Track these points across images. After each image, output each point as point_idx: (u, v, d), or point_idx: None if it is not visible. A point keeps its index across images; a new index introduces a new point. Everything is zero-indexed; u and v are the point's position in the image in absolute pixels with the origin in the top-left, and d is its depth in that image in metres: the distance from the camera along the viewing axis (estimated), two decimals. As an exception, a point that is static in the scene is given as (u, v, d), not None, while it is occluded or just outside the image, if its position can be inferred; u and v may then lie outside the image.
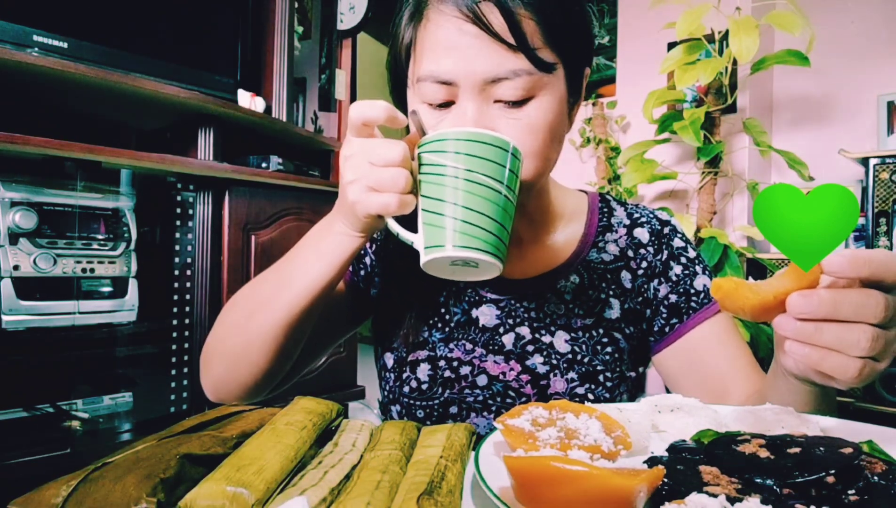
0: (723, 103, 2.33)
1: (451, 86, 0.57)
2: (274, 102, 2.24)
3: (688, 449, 0.40)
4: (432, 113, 0.60)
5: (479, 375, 0.69)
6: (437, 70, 0.57)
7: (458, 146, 0.49)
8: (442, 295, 0.73)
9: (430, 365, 0.71)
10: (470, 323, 0.71)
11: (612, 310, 0.71)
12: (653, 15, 2.38)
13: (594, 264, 0.73)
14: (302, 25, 2.56)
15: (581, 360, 0.68)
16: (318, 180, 2.17)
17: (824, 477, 0.33)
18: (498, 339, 0.70)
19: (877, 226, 2.17)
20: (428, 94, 0.59)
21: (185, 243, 1.78)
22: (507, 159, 0.51)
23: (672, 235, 0.75)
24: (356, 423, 0.47)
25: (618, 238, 0.74)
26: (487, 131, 0.50)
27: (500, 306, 0.71)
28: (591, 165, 3.12)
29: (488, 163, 0.50)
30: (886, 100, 2.58)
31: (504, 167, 0.50)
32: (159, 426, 0.41)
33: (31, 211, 1.42)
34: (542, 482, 0.32)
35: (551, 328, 0.70)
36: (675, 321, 0.71)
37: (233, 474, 0.33)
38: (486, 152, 0.50)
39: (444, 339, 0.71)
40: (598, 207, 0.77)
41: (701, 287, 0.72)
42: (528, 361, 0.69)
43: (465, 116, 0.58)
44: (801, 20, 2.01)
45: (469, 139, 0.49)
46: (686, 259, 0.73)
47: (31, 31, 1.47)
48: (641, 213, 0.77)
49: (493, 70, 0.56)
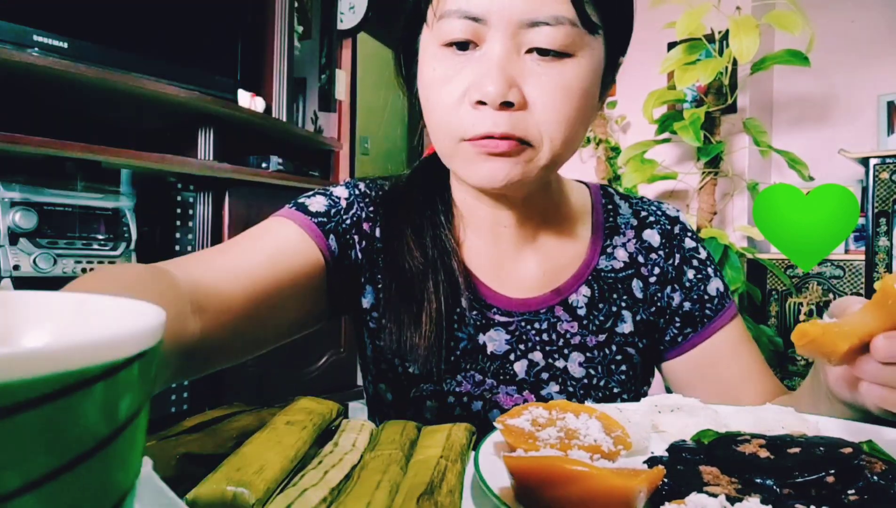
0: (723, 103, 2.33)
1: (480, 25, 0.50)
2: (274, 102, 2.24)
3: (688, 449, 0.40)
4: (448, 58, 0.53)
5: (492, 410, 0.63)
6: (466, 4, 0.50)
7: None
8: (445, 319, 0.63)
9: (436, 401, 0.63)
10: (477, 351, 0.64)
11: (624, 324, 0.66)
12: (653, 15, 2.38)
13: (605, 273, 0.66)
14: (302, 25, 2.56)
15: (597, 385, 0.64)
16: (318, 180, 2.17)
17: (824, 477, 0.33)
18: (509, 368, 0.63)
19: (877, 226, 2.17)
20: (449, 31, 0.52)
21: (185, 243, 1.78)
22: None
23: (683, 235, 0.69)
24: (356, 423, 0.47)
25: (626, 241, 0.68)
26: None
27: (510, 329, 0.64)
28: (591, 165, 3.12)
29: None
30: (886, 100, 2.58)
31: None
32: (159, 426, 0.41)
33: (31, 211, 1.42)
34: (541, 482, 0.32)
35: (564, 350, 0.64)
36: (689, 330, 0.66)
37: (233, 474, 0.33)
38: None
39: (449, 371, 0.63)
40: (602, 204, 0.70)
41: (714, 292, 0.67)
42: (543, 391, 0.63)
43: (490, 60, 0.51)
44: (801, 20, 2.01)
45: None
46: (698, 261, 0.68)
47: (31, 31, 1.47)
48: (649, 211, 0.70)
49: (533, 11, 0.49)
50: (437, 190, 0.68)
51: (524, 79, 0.52)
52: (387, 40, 4.06)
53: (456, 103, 0.54)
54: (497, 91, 0.50)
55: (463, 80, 0.53)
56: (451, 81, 0.54)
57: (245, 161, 1.96)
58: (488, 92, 0.51)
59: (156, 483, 0.25)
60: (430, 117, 0.57)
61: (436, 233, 0.64)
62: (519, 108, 0.52)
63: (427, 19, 0.55)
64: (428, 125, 0.59)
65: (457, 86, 0.53)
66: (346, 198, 0.67)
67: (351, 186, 0.69)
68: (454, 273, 0.63)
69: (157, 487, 0.25)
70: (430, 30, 0.54)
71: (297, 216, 0.62)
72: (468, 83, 0.53)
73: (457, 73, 0.53)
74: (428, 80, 0.56)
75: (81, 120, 1.77)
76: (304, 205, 0.64)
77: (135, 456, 0.19)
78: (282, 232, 0.61)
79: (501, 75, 0.51)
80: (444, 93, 0.54)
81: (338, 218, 0.65)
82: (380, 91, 4.02)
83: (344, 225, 0.65)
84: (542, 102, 0.52)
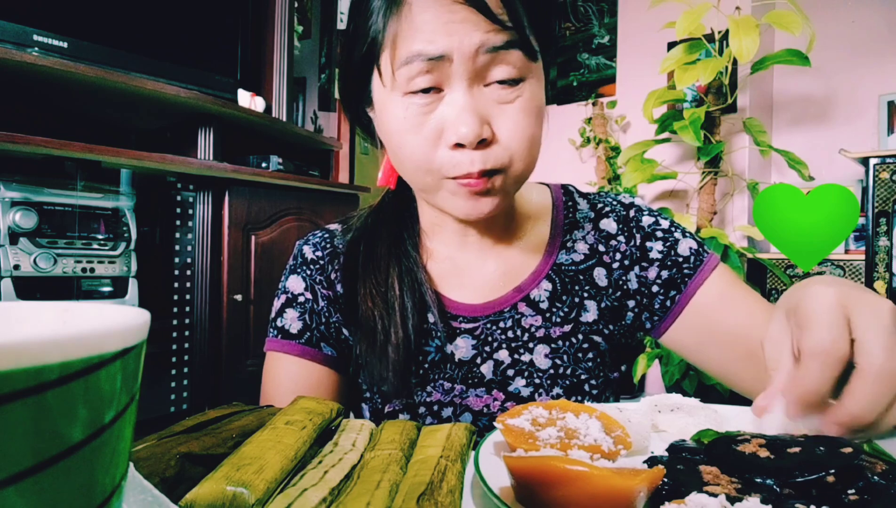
0: (723, 103, 2.33)
1: (441, 66, 0.53)
2: (274, 102, 2.24)
3: (688, 449, 0.40)
4: (414, 104, 0.56)
5: (463, 414, 0.66)
6: (425, 47, 0.53)
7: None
8: (413, 342, 0.67)
9: (408, 414, 0.67)
10: (445, 360, 0.67)
11: (588, 313, 0.68)
12: (653, 15, 2.38)
13: (565, 267, 0.69)
14: (302, 25, 2.56)
15: (564, 374, 0.66)
16: (317, 180, 2.17)
17: (824, 477, 0.33)
18: (476, 371, 0.66)
19: (877, 226, 2.17)
20: (412, 81, 0.54)
21: (185, 243, 1.78)
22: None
23: (639, 216, 0.71)
24: (356, 423, 0.47)
25: (585, 234, 0.71)
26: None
27: (476, 334, 0.67)
28: (591, 165, 3.12)
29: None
30: (887, 100, 2.58)
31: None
32: (159, 426, 0.41)
33: (31, 211, 1.42)
34: (542, 482, 0.32)
35: (529, 345, 0.67)
36: (673, 293, 0.68)
37: (233, 474, 0.33)
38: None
39: (419, 383, 0.66)
40: (563, 202, 0.73)
41: (687, 251, 0.69)
42: (510, 387, 0.66)
43: (458, 103, 0.54)
44: (801, 20, 2.01)
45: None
46: (661, 232, 0.70)
47: (32, 30, 1.47)
48: (605, 202, 0.73)
49: (490, 39, 0.53)
50: (405, 222, 0.71)
51: (490, 112, 0.56)
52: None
53: (431, 147, 0.56)
54: (473, 132, 0.54)
55: (433, 123, 0.56)
56: (422, 127, 0.56)
57: (245, 161, 1.96)
58: (465, 134, 0.54)
59: (139, 482, 0.25)
60: (404, 161, 0.59)
61: (405, 268, 0.68)
62: (490, 142, 0.56)
63: (381, 69, 0.57)
64: (400, 167, 0.61)
65: (429, 130, 0.56)
66: (306, 288, 0.70)
67: (300, 266, 0.71)
68: (425, 300, 0.67)
69: (140, 485, 0.25)
70: (389, 79, 0.56)
71: (286, 346, 0.68)
72: (439, 126, 0.56)
73: (425, 117, 0.56)
74: (396, 128, 0.58)
75: (81, 120, 1.77)
76: (286, 330, 0.69)
77: (121, 457, 0.19)
78: (285, 374, 0.68)
79: (474, 117, 0.54)
80: (416, 139, 0.57)
81: (315, 319, 0.69)
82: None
83: (322, 322, 0.70)
84: (508, 131, 0.56)
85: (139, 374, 0.19)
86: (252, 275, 1.89)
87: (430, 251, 0.70)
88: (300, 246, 0.73)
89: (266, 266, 1.93)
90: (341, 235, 0.73)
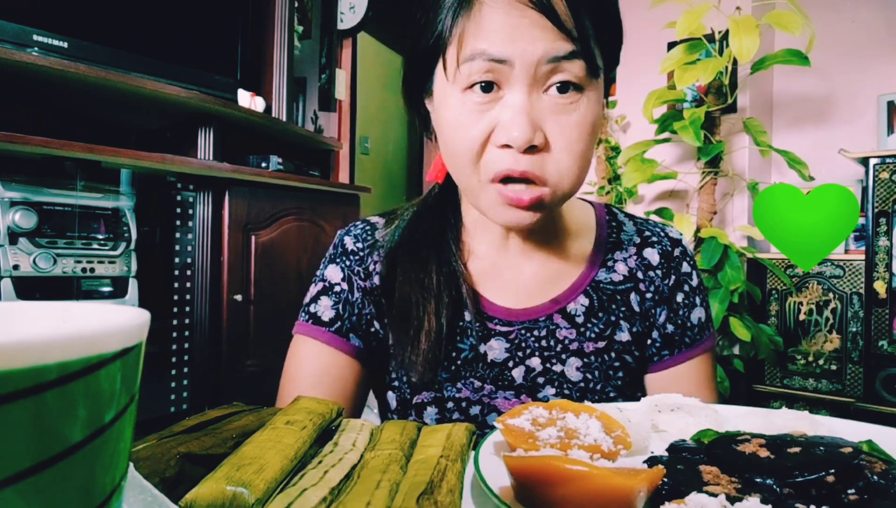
0: (723, 103, 2.33)
1: (503, 67, 0.54)
2: (274, 102, 2.24)
3: (688, 449, 0.40)
4: (471, 101, 0.56)
5: (490, 414, 0.67)
6: (489, 48, 0.53)
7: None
8: (447, 331, 0.68)
9: (436, 407, 0.67)
10: (478, 359, 0.67)
11: (622, 333, 0.69)
12: (653, 15, 2.38)
13: (603, 285, 0.70)
14: (302, 25, 2.56)
15: (594, 388, 0.66)
16: (317, 180, 2.17)
17: (824, 477, 0.33)
18: (508, 374, 0.67)
19: (877, 226, 2.17)
20: (470, 75, 0.55)
21: (185, 243, 1.78)
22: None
23: (682, 259, 0.72)
24: (356, 423, 0.47)
25: (627, 257, 0.71)
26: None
27: (510, 338, 0.68)
28: (592, 165, 3.12)
29: None
30: (886, 100, 2.58)
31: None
32: (159, 426, 0.41)
33: (31, 211, 1.42)
34: (542, 482, 0.32)
35: (562, 356, 0.67)
36: (665, 352, 0.70)
37: (233, 473, 0.33)
38: None
39: (450, 379, 0.67)
40: (606, 221, 0.74)
41: (696, 320, 0.71)
42: (539, 394, 0.66)
43: (515, 105, 0.54)
44: (801, 20, 2.01)
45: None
46: (689, 287, 0.72)
47: (31, 30, 1.47)
48: (652, 231, 0.74)
49: (554, 49, 0.53)
50: (447, 218, 0.72)
51: (544, 119, 0.55)
52: (387, 40, 4.06)
53: (480, 146, 0.57)
54: (524, 137, 0.54)
55: (487, 122, 0.56)
56: (475, 124, 0.57)
57: (245, 161, 1.96)
58: (515, 137, 0.54)
59: (139, 482, 0.25)
60: (454, 157, 0.60)
61: (443, 259, 0.69)
62: (541, 150, 0.56)
63: (446, 63, 0.57)
64: (449, 163, 0.62)
65: (481, 128, 0.56)
66: (343, 279, 0.71)
67: (339, 256, 0.72)
68: (461, 294, 0.67)
69: (140, 485, 0.25)
70: (452, 73, 0.57)
71: (315, 332, 0.69)
72: (492, 125, 0.56)
73: (480, 115, 0.56)
74: (451, 122, 0.59)
75: (81, 120, 1.77)
76: (317, 316, 0.69)
77: (121, 457, 0.19)
78: (310, 358, 0.68)
79: (527, 121, 0.54)
80: (468, 134, 0.57)
81: (348, 309, 0.70)
82: (380, 91, 4.02)
83: (355, 313, 0.70)
84: (560, 143, 0.56)
85: (139, 374, 0.19)
86: (252, 275, 1.89)
87: (471, 249, 0.71)
88: (341, 236, 0.74)
89: (266, 266, 1.93)
90: (383, 228, 0.73)
